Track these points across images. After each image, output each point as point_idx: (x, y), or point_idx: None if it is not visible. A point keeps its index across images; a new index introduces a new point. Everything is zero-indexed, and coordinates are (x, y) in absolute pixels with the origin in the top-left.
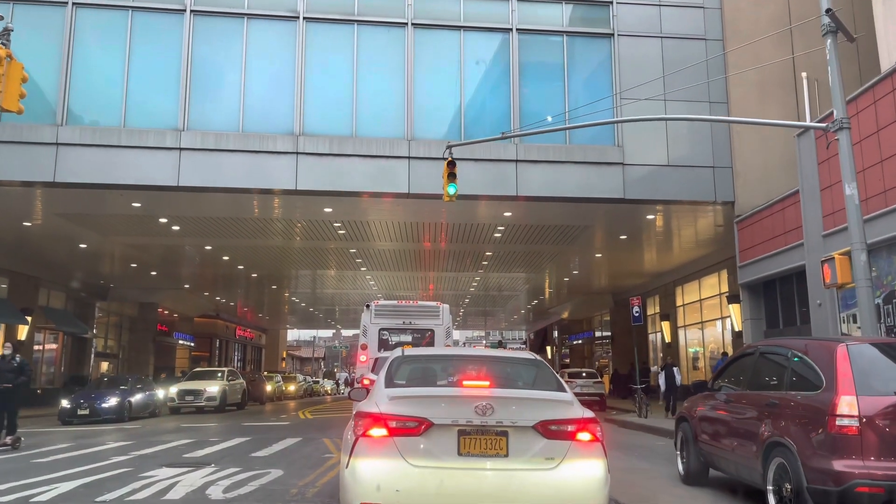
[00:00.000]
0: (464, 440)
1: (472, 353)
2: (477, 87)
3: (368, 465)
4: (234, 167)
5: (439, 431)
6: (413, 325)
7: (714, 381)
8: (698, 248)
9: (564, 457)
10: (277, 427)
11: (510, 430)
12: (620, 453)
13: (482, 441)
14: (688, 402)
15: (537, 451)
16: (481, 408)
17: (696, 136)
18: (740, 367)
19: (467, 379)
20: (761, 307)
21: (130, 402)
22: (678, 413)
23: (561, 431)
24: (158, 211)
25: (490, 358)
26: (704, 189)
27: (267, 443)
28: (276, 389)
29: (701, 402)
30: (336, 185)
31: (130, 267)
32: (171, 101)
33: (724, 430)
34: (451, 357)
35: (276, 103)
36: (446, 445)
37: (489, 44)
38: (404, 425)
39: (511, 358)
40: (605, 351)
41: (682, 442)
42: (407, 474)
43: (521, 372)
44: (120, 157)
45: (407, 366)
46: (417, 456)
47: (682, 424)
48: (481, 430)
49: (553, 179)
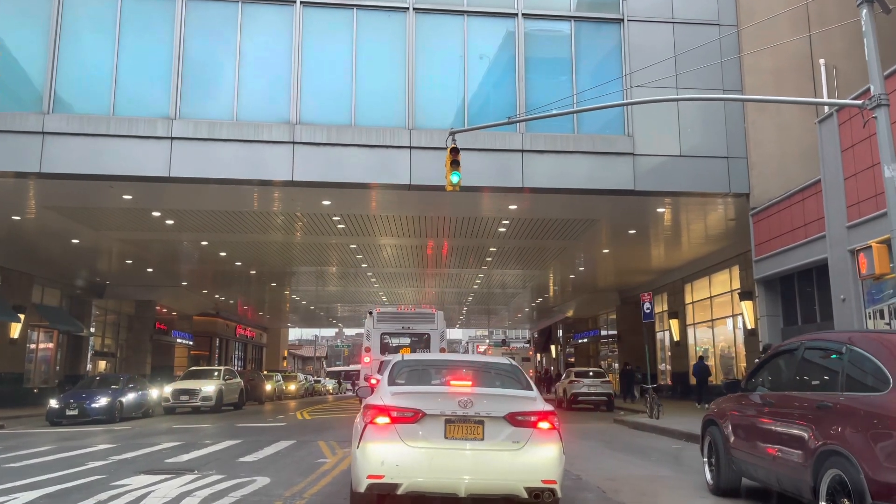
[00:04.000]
0: (449, 427)
1: (459, 359)
2: (481, 74)
3: (374, 445)
4: (227, 157)
5: (430, 420)
6: (411, 329)
7: (749, 381)
8: (709, 243)
9: (528, 441)
10: (272, 428)
11: (486, 420)
12: (637, 458)
13: (464, 428)
14: (716, 403)
15: (506, 436)
16: (463, 402)
17: (710, 125)
18: (780, 365)
19: (454, 379)
20: (778, 303)
21: (122, 402)
22: (706, 415)
23: (525, 421)
24: (151, 204)
25: (473, 363)
26: (718, 180)
27: (258, 446)
28: (276, 389)
29: (733, 404)
30: (334, 176)
31: (126, 263)
32: (162, 89)
33: (763, 435)
34: (442, 362)
35: (271, 91)
36: (436, 431)
37: (494, 29)
38: (403, 415)
39: (490, 363)
40: (611, 350)
41: (711, 448)
42: (404, 453)
43: (499, 373)
44: (108, 147)
45: (406, 368)
46: (413, 439)
47: (710, 428)
48: (463, 419)
49: (560, 170)
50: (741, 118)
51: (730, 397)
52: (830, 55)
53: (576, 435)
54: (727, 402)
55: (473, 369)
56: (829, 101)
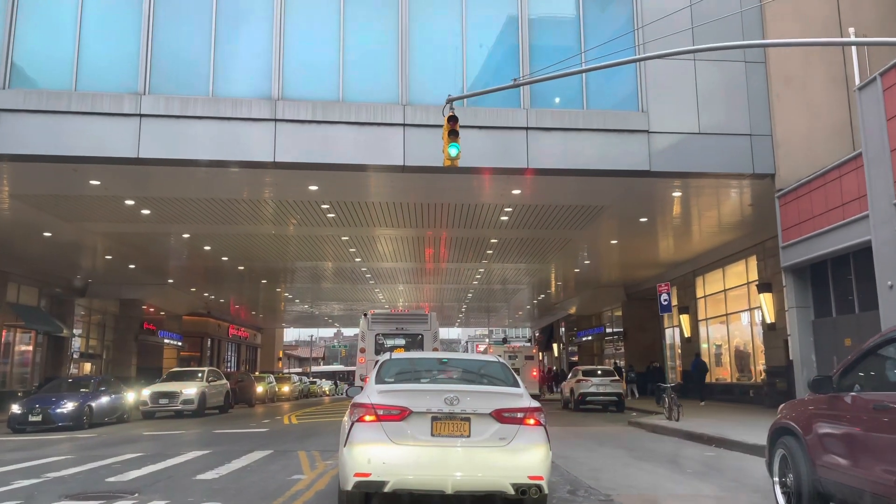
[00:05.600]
0: (436, 424)
1: (445, 357)
2: (482, 44)
3: (361, 443)
4: (202, 137)
5: (417, 417)
6: (405, 330)
7: (842, 379)
8: (724, 232)
9: (514, 437)
10: (251, 435)
11: (472, 417)
12: (671, 471)
13: (450, 425)
14: (789, 407)
15: (493, 433)
16: (450, 399)
17: (731, 100)
18: (887, 360)
19: (442, 376)
20: (808, 293)
21: (91, 406)
22: (776, 422)
23: (511, 417)
24: (122, 191)
25: (461, 360)
26: (741, 160)
27: (227, 457)
28: (268, 391)
29: (821, 409)
30: (321, 157)
31: (106, 260)
32: (129, 61)
33: (871, 449)
34: (429, 359)
35: (251, 63)
36: (422, 428)
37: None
38: (389, 413)
39: (478, 360)
40: (616, 348)
41: (785, 464)
42: (391, 451)
43: (486, 371)
44: (71, 125)
45: (394, 367)
46: (400, 437)
47: (783, 439)
48: (450, 416)
49: (568, 150)
50: (765, 92)
51: (813, 399)
52: (860, 25)
53: (591, 440)
54: (809, 406)
55: (461, 367)
56: (878, 39)
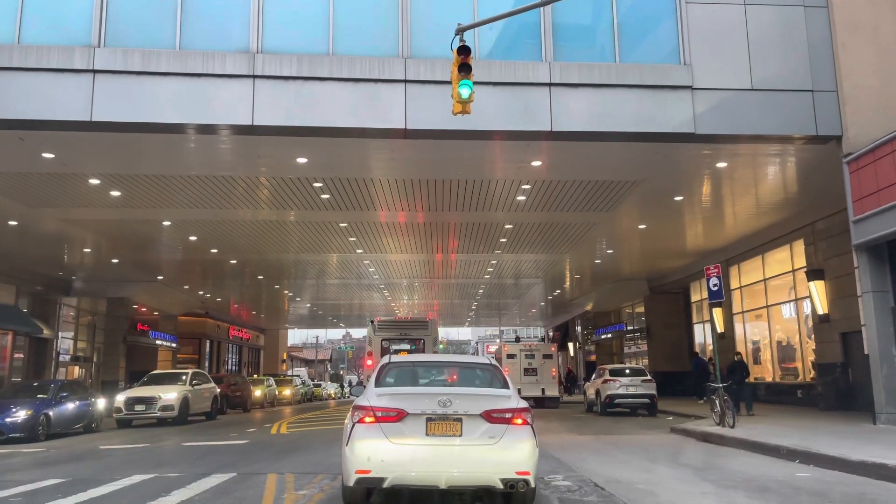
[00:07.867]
0: (430, 424)
1: (441, 360)
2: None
3: (361, 443)
4: (167, 96)
5: (412, 418)
6: (408, 335)
7: None
8: (765, 214)
9: (503, 436)
10: (223, 449)
11: (464, 417)
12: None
13: (443, 425)
14: None
15: (483, 432)
16: (443, 401)
17: (788, 51)
18: None
19: (438, 378)
20: (886, 275)
21: (48, 415)
22: None
23: (501, 418)
24: (82, 165)
25: (455, 363)
26: (801, 120)
27: (176, 484)
28: (268, 394)
29: None
30: (307, 120)
31: (85, 254)
32: (82, 8)
33: None
34: (426, 363)
35: (226, 11)
36: (417, 428)
37: None
38: (387, 414)
39: (471, 363)
40: (639, 346)
41: None
42: (389, 449)
43: (478, 374)
44: (13, 83)
45: (393, 369)
46: (397, 436)
47: None
48: (443, 417)
49: (598, 109)
50: (828, 41)
51: None
52: None
53: (636, 454)
54: None
55: (456, 369)
56: None
